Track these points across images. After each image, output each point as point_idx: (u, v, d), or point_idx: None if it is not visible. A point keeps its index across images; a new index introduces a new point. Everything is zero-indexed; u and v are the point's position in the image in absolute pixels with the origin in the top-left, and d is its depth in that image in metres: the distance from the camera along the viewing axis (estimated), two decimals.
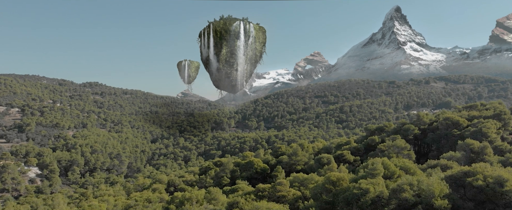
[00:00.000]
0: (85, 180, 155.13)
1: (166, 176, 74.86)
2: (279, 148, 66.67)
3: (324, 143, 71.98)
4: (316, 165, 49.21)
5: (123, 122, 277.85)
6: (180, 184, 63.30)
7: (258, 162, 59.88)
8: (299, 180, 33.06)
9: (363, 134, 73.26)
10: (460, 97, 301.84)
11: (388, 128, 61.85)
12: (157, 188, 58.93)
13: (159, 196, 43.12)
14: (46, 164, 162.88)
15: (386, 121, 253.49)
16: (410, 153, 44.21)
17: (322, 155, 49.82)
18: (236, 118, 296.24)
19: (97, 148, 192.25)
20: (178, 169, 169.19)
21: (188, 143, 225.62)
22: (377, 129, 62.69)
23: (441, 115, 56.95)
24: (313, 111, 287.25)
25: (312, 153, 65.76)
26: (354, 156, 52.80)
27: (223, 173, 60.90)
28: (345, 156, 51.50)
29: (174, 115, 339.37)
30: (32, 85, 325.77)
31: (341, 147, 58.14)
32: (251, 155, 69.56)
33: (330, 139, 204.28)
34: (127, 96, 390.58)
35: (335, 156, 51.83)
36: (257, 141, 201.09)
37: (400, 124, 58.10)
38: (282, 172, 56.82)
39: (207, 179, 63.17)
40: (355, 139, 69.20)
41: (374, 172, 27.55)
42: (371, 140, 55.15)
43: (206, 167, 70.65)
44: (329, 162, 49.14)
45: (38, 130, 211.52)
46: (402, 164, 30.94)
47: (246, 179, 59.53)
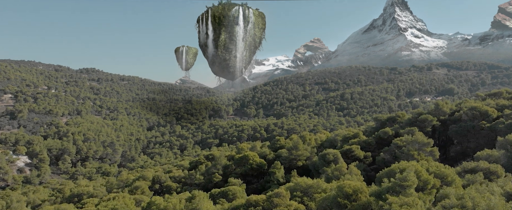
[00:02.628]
0: (76, 170, 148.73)
1: (153, 171, 68.01)
2: (277, 141, 59.58)
3: (328, 135, 64.90)
4: (321, 163, 42.16)
5: (119, 109, 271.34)
6: (167, 181, 56.44)
7: (254, 157, 52.88)
8: (302, 188, 25.98)
9: (371, 124, 66.15)
10: (463, 84, 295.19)
11: (401, 118, 54.63)
12: (140, 186, 52.06)
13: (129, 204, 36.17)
14: (35, 153, 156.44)
15: (388, 108, 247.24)
16: (434, 151, 37.11)
17: (328, 151, 42.73)
18: (235, 105, 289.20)
19: (90, 136, 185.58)
20: (173, 158, 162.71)
21: (184, 131, 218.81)
22: (388, 119, 55.46)
23: (464, 104, 49.71)
24: (313, 98, 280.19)
25: (315, 145, 58.69)
26: (364, 151, 45.69)
27: (214, 168, 53.95)
28: (354, 151, 44.42)
29: (172, 101, 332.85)
30: (27, 71, 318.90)
31: (348, 140, 51.01)
32: (246, 147, 62.57)
33: (330, 126, 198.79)
34: (124, 83, 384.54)
35: (342, 152, 44.73)
36: (256, 129, 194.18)
37: (416, 114, 50.88)
38: (280, 169, 49.86)
39: (197, 175, 56.32)
40: (363, 130, 62.09)
41: (404, 183, 20.38)
42: (384, 133, 47.99)
43: (196, 161, 63.72)
44: (336, 159, 42.08)
45: (31, 117, 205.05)
46: (436, 170, 23.71)
47: (240, 175, 52.65)
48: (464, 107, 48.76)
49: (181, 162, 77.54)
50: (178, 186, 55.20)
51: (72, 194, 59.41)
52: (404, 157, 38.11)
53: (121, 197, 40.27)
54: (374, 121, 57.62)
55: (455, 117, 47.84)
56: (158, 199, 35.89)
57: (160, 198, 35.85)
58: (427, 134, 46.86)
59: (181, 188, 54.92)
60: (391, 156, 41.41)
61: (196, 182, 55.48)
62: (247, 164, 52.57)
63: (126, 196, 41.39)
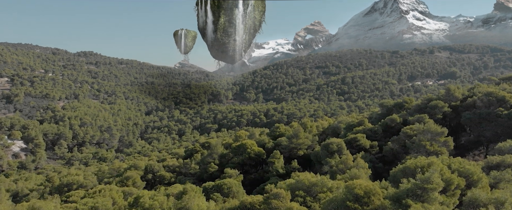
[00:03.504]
0: (72, 155, 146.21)
1: (147, 159, 65.04)
2: (277, 128, 56.28)
3: (330, 122, 61.63)
4: (323, 153, 38.97)
5: (117, 93, 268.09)
6: (160, 171, 53.42)
7: (252, 145, 49.73)
8: (305, 187, 22.80)
9: (376, 110, 62.81)
10: (466, 68, 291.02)
11: (408, 104, 51.27)
12: (131, 176, 49.05)
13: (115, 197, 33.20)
14: (31, 138, 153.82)
15: (389, 92, 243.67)
16: (448, 141, 33.81)
17: (331, 140, 39.49)
18: (234, 89, 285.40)
19: (87, 120, 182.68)
20: (171, 144, 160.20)
21: (183, 116, 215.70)
22: (395, 106, 52.07)
23: (477, 89, 46.26)
24: (314, 82, 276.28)
25: (316, 133, 55.52)
26: (370, 140, 42.44)
27: (210, 158, 50.88)
28: (360, 140, 41.16)
29: (171, 86, 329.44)
30: (24, 54, 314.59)
31: (352, 128, 47.73)
32: (244, 135, 59.41)
33: (330, 111, 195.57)
34: (123, 67, 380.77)
35: (346, 141, 41.49)
36: (255, 114, 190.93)
37: (425, 100, 47.48)
38: (280, 158, 46.78)
39: (192, 165, 53.31)
40: (367, 116, 58.79)
41: (428, 186, 17.14)
42: (391, 120, 44.68)
43: (191, 149, 60.63)
44: (340, 149, 38.89)
45: (27, 101, 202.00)
46: (459, 167, 20.45)
47: (238, 165, 49.57)
48: (477, 92, 45.33)
49: (177, 149, 74.62)
50: (172, 176, 52.26)
51: (61, 183, 56.48)
52: (415, 147, 34.90)
53: (107, 190, 37.22)
54: (379, 107, 54.23)
55: (467, 102, 44.43)
56: (146, 194, 32.85)
57: (148, 193, 32.85)
58: (437, 121, 43.56)
59: (175, 178, 51.98)
60: (400, 146, 38.20)
61: (191, 171, 52.52)
62: (244, 153, 49.46)
63: (113, 189, 38.32)
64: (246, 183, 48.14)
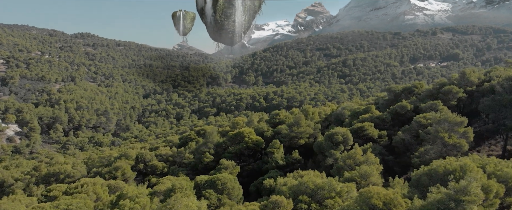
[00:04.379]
0: (67, 140, 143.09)
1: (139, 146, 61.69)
2: (277, 115, 52.65)
3: (333, 108, 57.96)
4: (327, 144, 35.48)
5: (114, 75, 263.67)
6: (152, 160, 50.13)
7: (250, 134, 46.26)
8: (309, 190, 19.32)
9: (382, 94, 59.04)
10: (468, 49, 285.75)
11: (418, 89, 47.52)
12: (120, 166, 45.77)
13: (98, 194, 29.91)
14: (26, 121, 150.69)
15: (391, 74, 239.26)
16: (468, 132, 30.23)
17: (336, 130, 35.96)
18: (233, 72, 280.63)
19: (83, 104, 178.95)
20: (168, 128, 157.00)
21: (181, 100, 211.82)
22: (404, 91, 48.30)
23: (494, 72, 42.49)
24: (314, 65, 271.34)
25: (319, 120, 51.97)
26: (378, 129, 38.89)
27: (205, 147, 47.48)
28: (367, 130, 37.60)
29: (169, 68, 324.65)
30: (20, 35, 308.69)
31: (358, 115, 44.10)
32: (242, 122, 55.84)
33: (331, 95, 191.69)
34: (120, 48, 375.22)
35: (352, 130, 37.94)
36: (255, 98, 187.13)
37: (438, 84, 43.75)
38: (280, 148, 43.36)
39: (186, 154, 49.92)
40: (373, 101, 55.12)
41: (465, 197, 13.59)
42: (401, 107, 41.01)
43: (186, 136, 57.16)
44: (346, 139, 35.40)
45: (22, 83, 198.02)
46: (495, 169, 16.90)
47: (234, 155, 46.23)
48: (494, 75, 41.61)
49: (171, 137, 71.24)
50: (164, 166, 49.00)
51: (48, 173, 53.41)
52: (430, 138, 31.37)
53: (91, 185, 33.91)
54: (386, 92, 50.48)
55: (485, 88, 40.73)
56: (130, 191, 29.54)
57: (132, 190, 29.54)
58: (451, 108, 40.01)
59: (167, 168, 48.75)
60: (412, 136, 34.70)
61: (185, 161, 49.19)
62: (242, 142, 46.03)
63: (98, 183, 35.07)
64: (243, 174, 44.90)
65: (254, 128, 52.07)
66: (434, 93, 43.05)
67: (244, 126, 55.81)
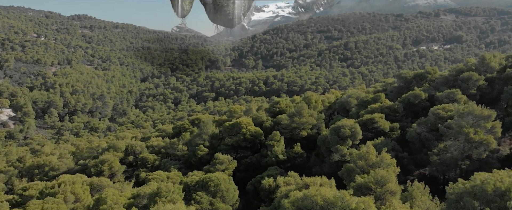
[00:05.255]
0: (62, 125, 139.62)
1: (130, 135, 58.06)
2: (277, 104, 48.71)
3: (338, 95, 54.00)
4: (334, 138, 31.71)
5: (112, 59, 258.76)
6: (143, 152, 46.55)
7: (248, 124, 42.51)
8: (318, 207, 15.60)
9: (390, 80, 54.93)
10: (472, 31, 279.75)
11: (431, 76, 43.51)
12: (107, 160, 42.18)
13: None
14: (20, 106, 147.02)
15: (394, 57, 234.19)
16: (496, 127, 26.40)
17: (343, 123, 32.15)
18: (232, 55, 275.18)
19: (78, 88, 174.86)
20: (165, 113, 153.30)
21: (179, 84, 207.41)
22: (415, 77, 44.24)
23: None
24: (315, 48, 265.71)
25: (322, 109, 48.15)
26: (390, 121, 35.06)
27: (199, 139, 43.77)
28: (377, 122, 33.76)
29: (167, 51, 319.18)
30: (16, 17, 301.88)
31: (367, 104, 40.17)
32: (240, 110, 52.01)
33: (332, 79, 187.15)
34: (118, 31, 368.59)
35: (361, 122, 34.14)
36: (254, 82, 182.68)
37: (455, 71, 39.73)
38: (280, 141, 39.67)
39: (180, 145, 46.34)
40: (381, 88, 51.23)
41: None
42: (414, 96, 37.08)
43: (180, 126, 53.44)
44: (354, 134, 31.63)
45: (18, 66, 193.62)
46: None
47: (231, 148, 42.61)
48: None
49: (165, 126, 67.60)
50: (156, 158, 45.42)
51: (32, 165, 49.97)
52: (451, 134, 27.58)
53: (69, 184, 30.32)
54: (396, 78, 46.44)
55: (507, 74, 36.72)
56: (110, 194, 25.96)
57: (113, 194, 25.96)
58: (469, 97, 36.14)
59: (159, 161, 45.19)
60: (429, 130, 30.89)
61: (178, 153, 45.65)
62: (239, 133, 42.31)
63: (78, 182, 31.47)
64: (240, 168, 41.39)
65: (253, 117, 48.34)
66: (450, 81, 39.10)
67: (241, 115, 52.10)
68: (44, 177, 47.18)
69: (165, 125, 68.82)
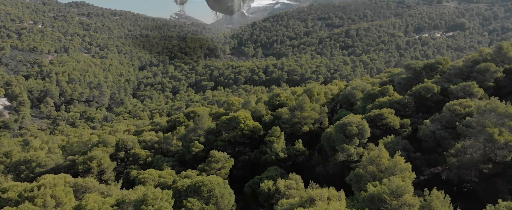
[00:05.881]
0: (57, 115, 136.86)
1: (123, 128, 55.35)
2: (277, 96, 45.84)
3: (341, 86, 51.09)
4: (339, 137, 28.96)
5: (109, 46, 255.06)
6: (135, 147, 43.88)
7: (246, 119, 39.76)
8: None
9: (396, 70, 51.96)
10: (475, 18, 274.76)
11: (443, 66, 40.54)
12: (96, 156, 39.55)
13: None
14: (15, 95, 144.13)
15: (396, 45, 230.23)
16: None
17: (349, 119, 29.36)
18: (232, 43, 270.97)
19: (75, 76, 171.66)
20: (163, 103, 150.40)
21: (177, 72, 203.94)
22: (426, 68, 41.27)
23: None
24: (316, 36, 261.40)
25: (325, 102, 45.33)
26: (400, 117, 32.26)
27: (194, 134, 41.07)
28: (387, 118, 30.96)
29: (166, 39, 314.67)
30: (12, 4, 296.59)
31: (374, 98, 37.32)
32: (238, 102, 49.20)
33: (333, 67, 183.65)
34: (116, 18, 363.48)
35: (368, 118, 31.36)
36: (254, 71, 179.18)
37: (470, 61, 36.79)
38: (280, 137, 37.01)
39: (174, 140, 43.64)
40: (387, 78, 48.33)
41: None
42: (426, 89, 34.20)
43: (175, 119, 50.66)
44: (362, 131, 28.86)
45: (14, 54, 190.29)
46: None
47: (228, 143, 39.98)
48: None
49: (159, 119, 64.80)
50: (148, 154, 42.77)
51: (19, 160, 47.36)
52: (471, 133, 24.81)
53: (49, 187, 27.63)
54: (405, 69, 43.46)
55: None
56: (91, 202, 23.38)
57: (95, 201, 23.38)
58: (486, 90, 33.32)
59: (152, 157, 42.54)
60: (444, 128, 28.09)
61: (172, 149, 42.94)
62: (237, 128, 39.59)
63: (59, 184, 28.80)
64: (238, 166, 38.74)
65: (251, 110, 45.55)
66: (464, 72, 36.18)
67: (239, 107, 49.32)
68: (31, 173, 44.69)
69: (160, 118, 66.05)
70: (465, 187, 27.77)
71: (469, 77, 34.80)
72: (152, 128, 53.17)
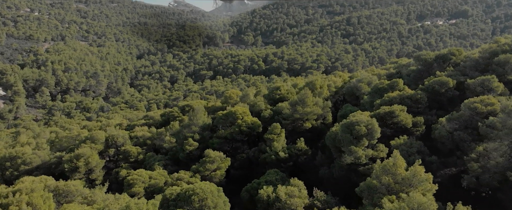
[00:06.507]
0: (53, 105, 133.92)
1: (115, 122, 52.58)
2: (277, 89, 42.90)
3: (345, 78, 48.11)
4: (346, 137, 26.16)
5: (107, 34, 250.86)
6: (126, 144, 41.15)
7: (244, 114, 36.95)
8: None
9: (404, 61, 48.89)
10: (478, 5, 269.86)
11: (456, 57, 37.56)
12: (84, 154, 36.89)
13: None
14: (10, 84, 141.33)
15: (398, 33, 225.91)
16: None
17: (357, 117, 26.55)
18: (231, 31, 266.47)
19: (71, 65, 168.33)
20: (161, 93, 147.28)
21: (175, 61, 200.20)
22: (437, 59, 38.27)
23: None
24: (317, 23, 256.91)
25: (328, 96, 42.44)
26: (412, 114, 29.41)
27: (188, 131, 38.30)
28: (398, 116, 28.11)
29: (165, 26, 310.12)
30: None
31: (382, 92, 34.41)
32: (235, 95, 46.31)
33: (334, 56, 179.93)
34: (114, 6, 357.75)
35: (378, 116, 28.51)
36: (253, 60, 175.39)
37: (487, 53, 33.79)
38: (281, 135, 34.24)
39: (167, 137, 40.90)
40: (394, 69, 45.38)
41: None
42: (440, 84, 31.28)
43: (169, 113, 47.83)
44: (371, 132, 26.06)
45: (9, 43, 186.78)
46: None
47: (225, 141, 37.20)
48: None
49: (153, 113, 61.91)
50: (140, 151, 40.13)
51: (4, 157, 44.70)
52: (496, 135, 22.01)
53: (25, 193, 24.97)
54: (415, 60, 40.43)
55: None
56: None
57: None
58: (506, 85, 30.39)
59: (144, 155, 39.88)
60: (462, 128, 25.27)
61: (165, 145, 40.23)
62: (234, 124, 36.80)
63: (38, 189, 26.14)
64: (235, 165, 36.05)
65: (250, 104, 42.70)
66: (481, 64, 33.22)
67: (237, 101, 46.46)
68: (15, 171, 42.09)
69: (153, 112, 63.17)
70: (483, 192, 25.19)
71: (487, 70, 31.89)
72: (145, 122, 50.39)
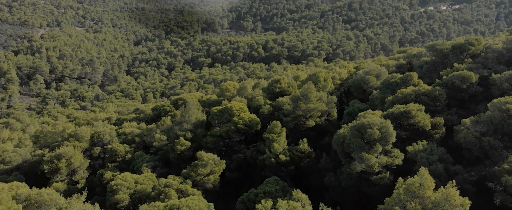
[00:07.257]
0: (47, 93, 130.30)
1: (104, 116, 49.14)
2: (277, 82, 39.31)
3: (350, 69, 44.49)
4: (356, 142, 22.81)
5: (104, 20, 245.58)
6: (112, 142, 37.85)
7: (241, 111, 33.56)
8: None
9: (414, 51, 45.14)
10: None
11: (475, 48, 33.94)
12: (66, 154, 33.62)
13: None
14: (3, 72, 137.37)
15: (400, 19, 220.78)
16: None
17: (369, 119, 23.19)
18: (230, 17, 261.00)
19: (66, 52, 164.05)
20: (158, 81, 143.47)
21: (173, 48, 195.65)
22: (454, 49, 34.63)
23: None
24: (317, 8, 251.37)
25: (333, 89, 38.92)
26: (430, 113, 25.95)
27: (180, 128, 34.92)
28: (415, 117, 24.66)
29: (163, 12, 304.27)
30: None
31: (394, 87, 30.87)
32: (232, 88, 42.77)
33: (336, 43, 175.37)
34: None
35: (392, 116, 25.06)
36: (253, 47, 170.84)
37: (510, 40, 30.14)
38: (281, 134, 30.88)
39: (157, 134, 37.59)
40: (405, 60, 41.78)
41: None
42: (460, 79, 27.72)
43: (160, 107, 44.37)
44: (385, 135, 22.71)
45: (4, 28, 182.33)
46: None
47: (220, 139, 33.86)
48: None
49: (144, 106, 58.39)
50: (128, 150, 36.91)
51: None
52: None
53: None
54: (428, 50, 36.77)
55: None
56: None
57: None
58: None
59: (132, 153, 36.62)
60: (492, 132, 21.87)
61: (155, 144, 36.93)
62: (230, 122, 33.43)
63: (4, 200, 22.89)
64: (231, 166, 32.75)
65: (248, 97, 39.27)
66: (505, 56, 29.65)
67: (234, 93, 42.96)
68: None
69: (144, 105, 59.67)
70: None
71: None
72: (135, 116, 47.02)
